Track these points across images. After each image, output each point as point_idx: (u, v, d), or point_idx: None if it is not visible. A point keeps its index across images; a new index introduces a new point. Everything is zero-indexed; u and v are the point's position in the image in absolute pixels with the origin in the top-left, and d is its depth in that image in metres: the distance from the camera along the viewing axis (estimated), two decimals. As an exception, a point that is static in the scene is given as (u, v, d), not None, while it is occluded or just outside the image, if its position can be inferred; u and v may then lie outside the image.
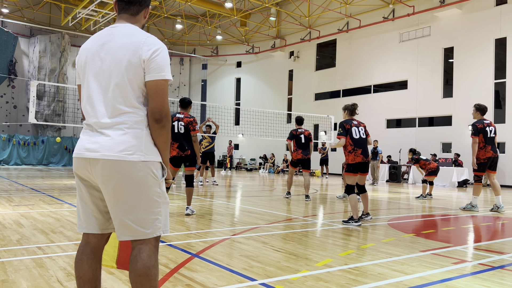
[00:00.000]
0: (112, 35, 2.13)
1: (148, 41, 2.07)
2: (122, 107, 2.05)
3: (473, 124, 8.25)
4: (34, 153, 23.38)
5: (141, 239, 2.08)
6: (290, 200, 9.55)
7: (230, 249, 4.45)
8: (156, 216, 2.10)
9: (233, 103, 30.51)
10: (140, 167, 2.03)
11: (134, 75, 2.04)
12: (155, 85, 2.05)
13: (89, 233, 2.22)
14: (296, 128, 9.78)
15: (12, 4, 24.99)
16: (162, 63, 2.06)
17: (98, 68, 2.11)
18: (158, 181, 2.11)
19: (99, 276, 2.25)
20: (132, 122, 2.05)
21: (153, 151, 2.09)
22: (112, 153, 2.00)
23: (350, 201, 6.21)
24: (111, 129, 2.04)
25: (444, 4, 19.20)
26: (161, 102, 2.05)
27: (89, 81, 2.13)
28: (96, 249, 2.24)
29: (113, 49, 2.09)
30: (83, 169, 2.12)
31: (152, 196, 2.08)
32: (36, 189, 10.44)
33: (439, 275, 3.62)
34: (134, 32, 2.12)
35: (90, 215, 2.20)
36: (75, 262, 2.21)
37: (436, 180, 15.49)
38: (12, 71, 25.33)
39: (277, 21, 27.41)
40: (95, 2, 20.70)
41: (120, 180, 2.01)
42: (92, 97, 2.11)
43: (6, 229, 5.13)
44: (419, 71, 20.24)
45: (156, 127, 2.07)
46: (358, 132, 6.48)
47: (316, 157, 23.44)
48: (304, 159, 9.54)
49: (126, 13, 2.22)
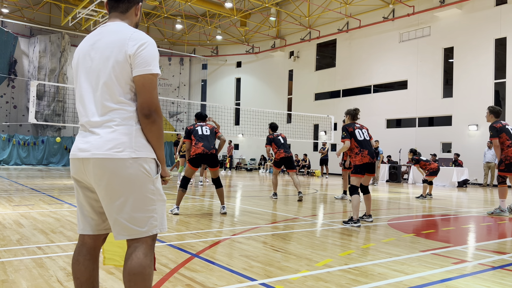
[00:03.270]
0: (101, 34, 2.14)
1: (134, 36, 2.06)
2: (110, 104, 2.03)
3: (490, 126, 7.90)
4: (34, 153, 23.38)
5: (137, 238, 2.05)
6: (290, 200, 9.55)
7: (230, 249, 4.45)
8: (151, 214, 2.06)
9: (233, 103, 30.51)
10: (130, 164, 2.00)
11: (121, 71, 2.03)
12: (142, 80, 2.02)
13: (85, 234, 2.22)
14: (271, 133, 9.95)
15: (12, 4, 24.99)
16: (148, 57, 2.04)
17: (88, 68, 2.12)
18: (152, 178, 2.07)
19: (96, 276, 2.25)
20: (121, 118, 2.03)
21: (144, 147, 2.06)
22: (101, 151, 1.99)
23: (353, 201, 6.20)
24: (100, 127, 2.03)
25: (444, 4, 19.20)
26: (149, 97, 2.02)
27: (80, 81, 2.14)
28: (92, 250, 2.23)
29: (101, 48, 2.09)
30: (78, 170, 2.12)
31: (146, 193, 2.04)
32: (36, 189, 10.44)
33: (439, 275, 3.62)
34: (122, 29, 2.11)
35: (86, 216, 2.20)
36: (72, 263, 2.22)
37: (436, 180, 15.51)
38: (12, 71, 25.32)
39: (277, 21, 27.41)
40: (95, 2, 20.70)
41: (111, 178, 1.99)
42: (83, 96, 2.11)
43: (6, 229, 5.13)
44: (419, 71, 20.25)
45: (146, 122, 2.04)
46: (362, 134, 6.52)
47: (316, 157, 23.45)
48: (287, 157, 9.62)
49: (116, 11, 2.22)
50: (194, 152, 6.93)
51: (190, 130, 7.14)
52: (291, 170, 9.75)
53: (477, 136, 17.97)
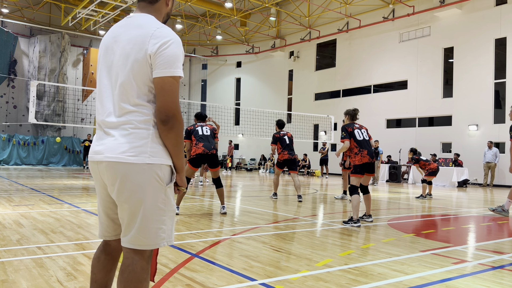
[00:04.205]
0: (125, 27, 1.99)
1: (157, 33, 1.89)
2: (127, 106, 1.90)
3: (511, 127, 7.69)
4: (34, 153, 23.37)
5: (137, 249, 1.93)
6: (290, 201, 9.55)
7: (230, 249, 4.45)
8: (160, 225, 1.92)
9: (233, 103, 30.51)
10: (143, 169, 1.87)
11: (139, 71, 1.88)
12: (161, 83, 1.87)
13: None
14: (278, 131, 9.80)
15: (12, 4, 24.99)
16: (171, 57, 1.87)
17: (110, 63, 1.98)
18: (164, 186, 1.93)
19: (111, 277, 2.20)
20: (137, 121, 1.89)
21: (160, 153, 1.92)
22: (114, 154, 1.87)
23: (353, 201, 6.21)
24: (116, 129, 1.91)
25: (444, 4, 19.20)
26: (167, 102, 1.86)
27: (101, 77, 2.02)
28: (114, 251, 2.18)
29: (123, 42, 1.94)
30: (95, 173, 2.03)
31: (156, 202, 1.91)
32: (36, 189, 10.43)
33: (439, 275, 3.62)
34: (146, 23, 1.94)
35: (103, 223, 2.15)
36: (93, 259, 2.18)
37: (436, 180, 15.52)
38: (12, 71, 25.32)
39: (277, 21, 27.41)
40: (95, 2, 20.70)
41: (122, 183, 1.88)
42: (102, 93, 2.00)
43: (6, 229, 5.13)
44: (419, 71, 20.25)
45: (162, 128, 1.89)
46: (362, 134, 6.53)
47: (316, 157, 23.45)
48: (291, 159, 9.53)
49: (144, 1, 2.05)
50: (194, 152, 6.96)
51: (191, 131, 7.15)
52: (293, 171, 9.69)
53: (477, 136, 17.97)
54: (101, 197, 2.08)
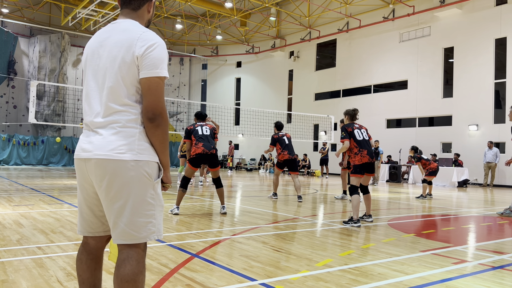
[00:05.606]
0: (110, 32, 2.09)
1: (143, 37, 2.00)
2: (115, 106, 2.00)
3: None
4: (34, 153, 23.37)
5: (130, 244, 2.00)
6: (290, 201, 9.55)
7: (230, 249, 4.45)
8: (149, 220, 2.01)
9: (233, 103, 30.51)
10: (132, 166, 1.96)
11: (127, 72, 1.99)
12: (148, 83, 1.98)
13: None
14: (276, 133, 9.79)
15: (12, 4, 24.99)
16: (156, 59, 1.99)
17: (96, 66, 2.08)
18: (152, 182, 2.03)
19: (98, 276, 2.25)
20: (125, 120, 1.99)
21: (148, 150, 2.02)
22: (103, 151, 1.96)
23: (353, 201, 6.21)
24: (104, 128, 2.00)
25: (444, 4, 19.20)
26: (154, 101, 1.98)
27: (88, 79, 2.11)
28: (94, 250, 2.23)
29: (109, 46, 2.04)
30: (81, 171, 2.10)
31: (145, 197, 2.00)
32: (36, 189, 10.43)
33: (439, 275, 3.62)
34: (131, 28, 2.06)
35: (85, 218, 2.18)
36: (76, 261, 2.23)
37: (436, 180, 15.52)
38: (12, 71, 25.32)
39: (277, 21, 27.41)
40: (95, 2, 20.70)
41: (111, 179, 1.96)
42: (89, 95, 2.08)
43: (6, 229, 5.13)
44: (419, 71, 20.24)
45: (149, 126, 2.00)
46: (361, 134, 6.54)
47: (316, 157, 23.45)
48: (291, 159, 9.51)
49: (127, 8, 2.17)
50: (194, 152, 6.95)
51: (190, 130, 7.14)
52: (294, 172, 9.67)
53: (477, 136, 17.97)
54: (87, 194, 2.13)
